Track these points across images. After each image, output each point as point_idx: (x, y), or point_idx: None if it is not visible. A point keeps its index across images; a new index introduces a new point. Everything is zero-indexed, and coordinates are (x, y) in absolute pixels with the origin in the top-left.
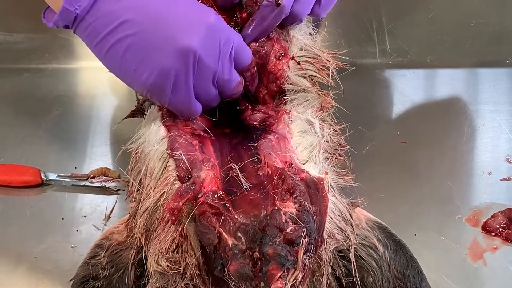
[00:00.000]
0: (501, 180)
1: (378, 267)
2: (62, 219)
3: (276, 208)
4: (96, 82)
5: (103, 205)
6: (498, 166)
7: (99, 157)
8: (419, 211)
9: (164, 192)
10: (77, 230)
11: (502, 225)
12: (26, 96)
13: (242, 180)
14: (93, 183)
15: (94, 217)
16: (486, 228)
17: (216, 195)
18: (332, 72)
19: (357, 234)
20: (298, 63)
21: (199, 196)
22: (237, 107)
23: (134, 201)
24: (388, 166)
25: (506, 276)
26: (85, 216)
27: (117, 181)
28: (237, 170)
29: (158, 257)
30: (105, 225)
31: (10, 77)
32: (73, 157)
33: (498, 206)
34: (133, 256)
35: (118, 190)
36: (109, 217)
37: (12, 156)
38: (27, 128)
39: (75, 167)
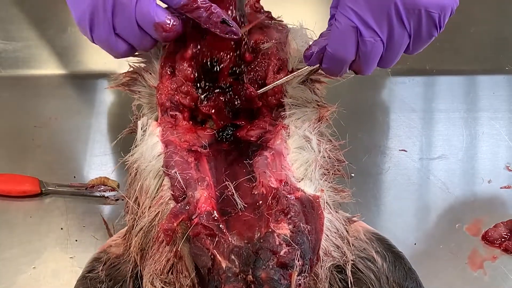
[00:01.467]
0: (501, 188)
1: (376, 280)
2: (61, 229)
3: (270, 230)
4: (95, 90)
5: (102, 215)
6: (498, 174)
7: (98, 166)
8: (419, 220)
9: (159, 212)
10: (76, 240)
11: (503, 235)
12: (25, 104)
13: (237, 199)
14: (92, 192)
15: (93, 227)
16: (487, 238)
17: (210, 216)
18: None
19: (355, 246)
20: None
21: (193, 217)
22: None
23: (131, 217)
24: (388, 175)
25: (506, 285)
26: (84, 226)
27: (117, 190)
28: (232, 189)
29: (153, 278)
30: (111, 235)
31: (9, 85)
32: (72, 166)
33: (498, 214)
34: (131, 269)
35: (118, 199)
36: (111, 234)
37: (10, 165)
38: (25, 136)
39: (74, 176)
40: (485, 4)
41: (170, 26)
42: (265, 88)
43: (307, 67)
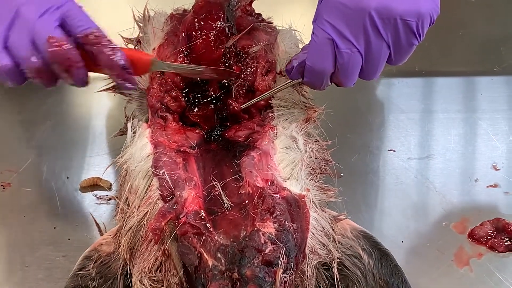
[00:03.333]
0: (487, 187)
1: (362, 276)
2: (54, 228)
3: (255, 229)
4: (91, 92)
5: (95, 214)
6: (485, 173)
7: (91, 167)
8: (406, 218)
9: (148, 211)
10: (69, 239)
11: (489, 233)
12: (20, 106)
13: (224, 199)
14: None
15: (86, 226)
16: (473, 236)
17: (197, 215)
18: None
19: (341, 244)
20: (285, 76)
21: (181, 217)
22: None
23: (121, 216)
24: (376, 174)
25: (491, 281)
26: (77, 225)
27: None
28: (220, 189)
29: (142, 276)
30: (102, 234)
31: (3, 88)
32: (66, 167)
33: (485, 213)
34: (121, 266)
35: (110, 199)
36: (103, 232)
37: (5, 165)
38: (20, 137)
39: (67, 177)
40: (474, 7)
41: (62, 42)
42: (248, 103)
43: (289, 80)
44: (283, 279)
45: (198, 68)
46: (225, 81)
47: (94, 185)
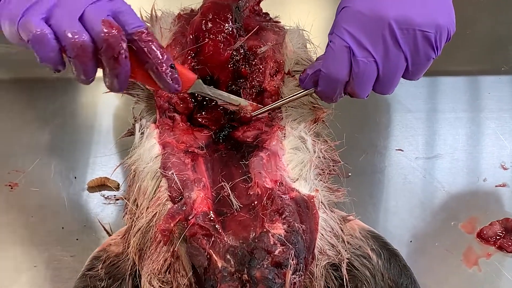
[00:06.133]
0: (496, 186)
1: (371, 277)
2: (62, 228)
3: (265, 230)
4: (97, 93)
5: (102, 214)
6: (493, 172)
7: (98, 167)
8: (414, 218)
9: (157, 212)
10: (77, 239)
11: (498, 233)
12: (27, 106)
13: (233, 200)
14: None
15: (94, 226)
16: (482, 236)
17: (206, 217)
18: None
19: (350, 244)
20: (293, 76)
21: (190, 218)
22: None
23: (130, 217)
24: (384, 174)
25: (500, 281)
26: (85, 225)
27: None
28: (228, 189)
29: (151, 277)
30: (110, 234)
31: (11, 88)
32: (73, 167)
33: (493, 212)
34: (130, 267)
35: (118, 199)
36: (110, 233)
37: (12, 166)
38: (27, 138)
39: (75, 177)
40: (481, 6)
41: (117, 26)
42: (259, 111)
43: (302, 90)
44: (293, 280)
45: (234, 101)
46: (232, 83)
47: (101, 185)
